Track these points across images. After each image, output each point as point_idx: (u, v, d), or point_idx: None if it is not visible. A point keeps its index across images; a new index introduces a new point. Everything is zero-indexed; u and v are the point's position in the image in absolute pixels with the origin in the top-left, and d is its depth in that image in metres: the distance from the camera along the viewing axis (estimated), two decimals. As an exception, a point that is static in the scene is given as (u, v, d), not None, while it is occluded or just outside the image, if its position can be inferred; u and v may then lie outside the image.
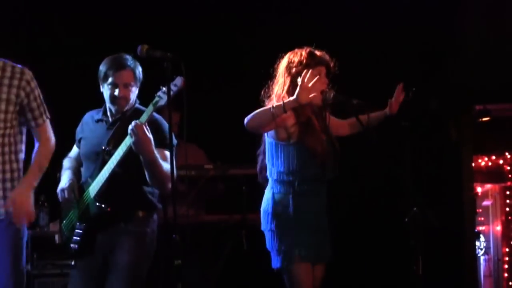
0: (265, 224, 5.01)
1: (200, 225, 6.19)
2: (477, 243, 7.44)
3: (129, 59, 4.68)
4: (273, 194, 4.99)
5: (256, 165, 5.18)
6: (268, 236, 5.03)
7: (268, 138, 4.97)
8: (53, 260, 6.10)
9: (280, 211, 4.99)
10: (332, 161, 5.05)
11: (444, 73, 6.99)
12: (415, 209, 4.71)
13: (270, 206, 4.98)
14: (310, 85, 4.60)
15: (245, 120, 4.77)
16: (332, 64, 5.10)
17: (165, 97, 4.47)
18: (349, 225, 6.62)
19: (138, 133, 4.43)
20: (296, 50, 5.06)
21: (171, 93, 4.41)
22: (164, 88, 4.46)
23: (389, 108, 5.20)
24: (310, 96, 4.60)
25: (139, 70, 4.70)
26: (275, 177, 4.99)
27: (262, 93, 5.10)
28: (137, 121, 4.45)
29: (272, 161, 4.99)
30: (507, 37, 6.99)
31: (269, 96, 5.02)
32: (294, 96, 4.56)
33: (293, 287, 4.99)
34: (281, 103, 4.62)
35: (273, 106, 4.65)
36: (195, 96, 4.94)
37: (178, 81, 4.48)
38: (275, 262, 5.00)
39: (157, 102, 4.48)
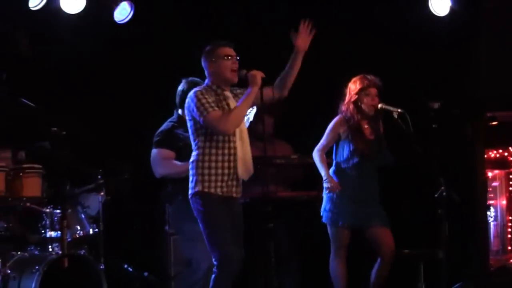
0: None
1: (286, 199, 6.52)
2: (488, 213, 7.98)
3: None
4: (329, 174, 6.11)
5: (329, 155, 6.13)
6: (324, 199, 6.09)
7: None
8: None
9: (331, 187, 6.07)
10: (373, 155, 5.97)
11: (463, 88, 7.48)
12: (442, 188, 5.57)
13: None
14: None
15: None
16: (381, 85, 6.03)
17: None
18: (396, 199, 6.92)
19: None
20: (354, 78, 6.10)
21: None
22: None
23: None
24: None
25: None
26: (334, 162, 6.13)
27: (338, 105, 6.13)
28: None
29: (334, 151, 6.20)
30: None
31: (339, 109, 6.22)
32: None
33: (332, 242, 6.08)
34: None
35: None
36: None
37: None
38: (325, 219, 6.05)
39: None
